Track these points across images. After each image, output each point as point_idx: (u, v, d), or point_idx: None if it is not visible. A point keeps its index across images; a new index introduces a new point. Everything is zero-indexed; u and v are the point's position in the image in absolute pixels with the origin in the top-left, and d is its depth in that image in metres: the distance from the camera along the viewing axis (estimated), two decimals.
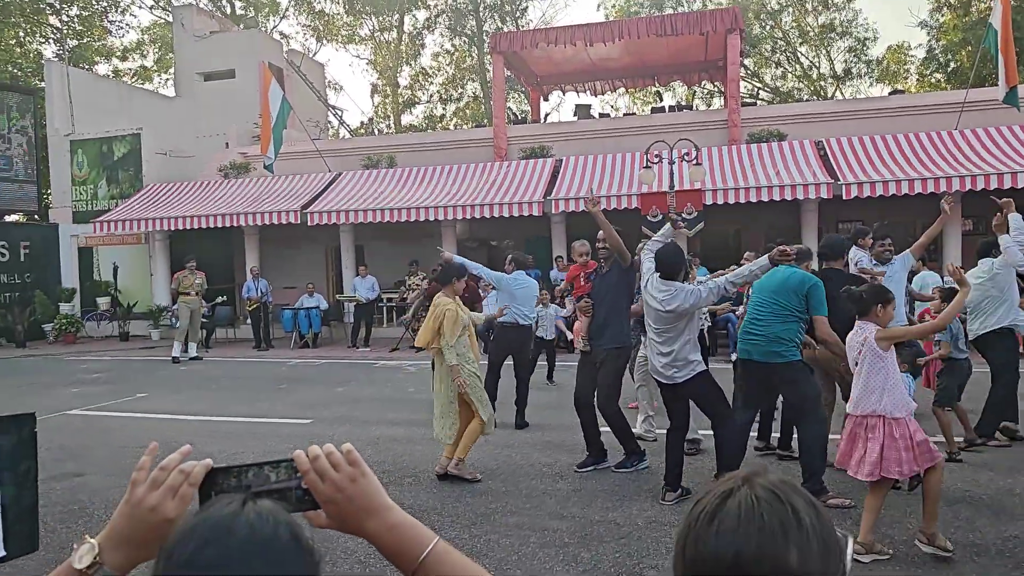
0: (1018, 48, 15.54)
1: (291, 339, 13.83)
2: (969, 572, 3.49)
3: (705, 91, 27.39)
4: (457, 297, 5.25)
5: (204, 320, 13.47)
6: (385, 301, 14.66)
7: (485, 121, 22.48)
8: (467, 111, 31.11)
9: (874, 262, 5.71)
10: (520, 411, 6.70)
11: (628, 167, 13.51)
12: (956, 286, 3.98)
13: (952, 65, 22.63)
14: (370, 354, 12.63)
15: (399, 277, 14.28)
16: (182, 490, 0.84)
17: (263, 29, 26.77)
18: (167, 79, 29.92)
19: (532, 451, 5.86)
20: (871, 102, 15.57)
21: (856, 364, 3.80)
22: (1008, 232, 5.36)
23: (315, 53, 30.07)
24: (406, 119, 31.94)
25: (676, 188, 11.21)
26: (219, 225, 14.58)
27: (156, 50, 30.67)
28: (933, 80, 24.09)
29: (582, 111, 17.58)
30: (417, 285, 12.88)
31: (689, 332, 4.49)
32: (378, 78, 31.51)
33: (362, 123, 30.69)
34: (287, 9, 30.89)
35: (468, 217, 13.59)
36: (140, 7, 32.82)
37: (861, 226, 6.51)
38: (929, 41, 23.66)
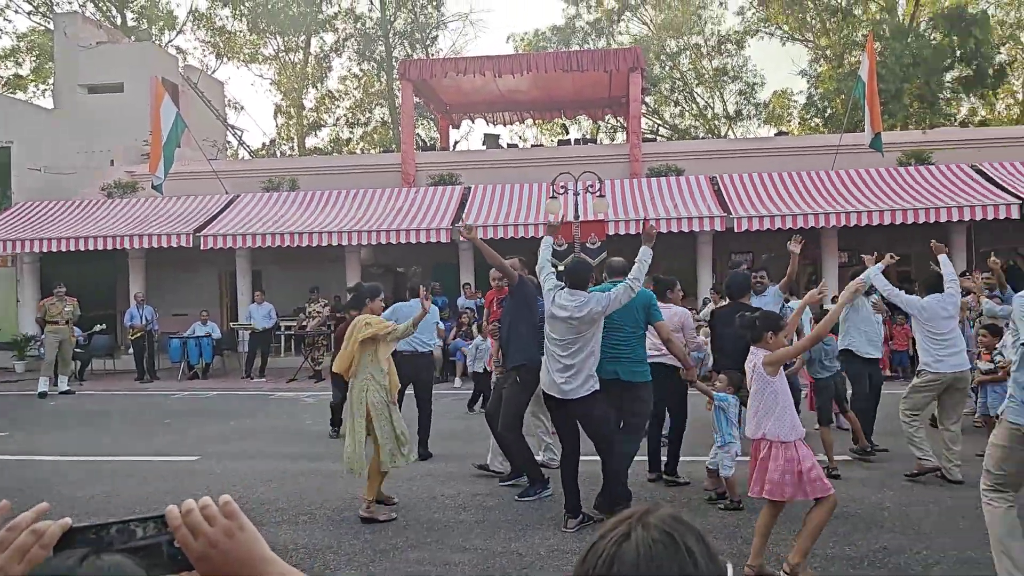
0: (883, 98, 17.25)
1: (179, 370, 12.91)
2: None
3: (609, 126, 28.55)
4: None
5: (78, 351, 12.34)
6: (283, 329, 14.01)
7: (393, 147, 22.32)
8: (375, 136, 30.75)
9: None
10: (423, 441, 6.51)
11: (535, 197, 13.75)
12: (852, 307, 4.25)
13: (829, 111, 24.77)
14: (266, 385, 11.99)
15: (299, 304, 13.72)
16: (32, 552, 0.76)
17: (157, 43, 25.44)
18: (45, 90, 27.74)
19: (435, 483, 5.69)
20: (759, 142, 16.74)
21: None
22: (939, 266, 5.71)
23: (214, 70, 28.88)
24: (310, 142, 31.14)
25: (581, 219, 11.51)
26: (100, 248, 13.49)
27: (33, 58, 28.41)
28: (812, 124, 26.24)
29: (491, 140, 17.82)
30: (317, 312, 12.42)
31: (594, 344, 4.51)
32: (282, 99, 30.63)
33: (264, 144, 29.61)
34: (184, 24, 29.59)
35: (374, 243, 13.32)
36: (16, 11, 30.18)
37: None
38: (809, 88, 25.86)
